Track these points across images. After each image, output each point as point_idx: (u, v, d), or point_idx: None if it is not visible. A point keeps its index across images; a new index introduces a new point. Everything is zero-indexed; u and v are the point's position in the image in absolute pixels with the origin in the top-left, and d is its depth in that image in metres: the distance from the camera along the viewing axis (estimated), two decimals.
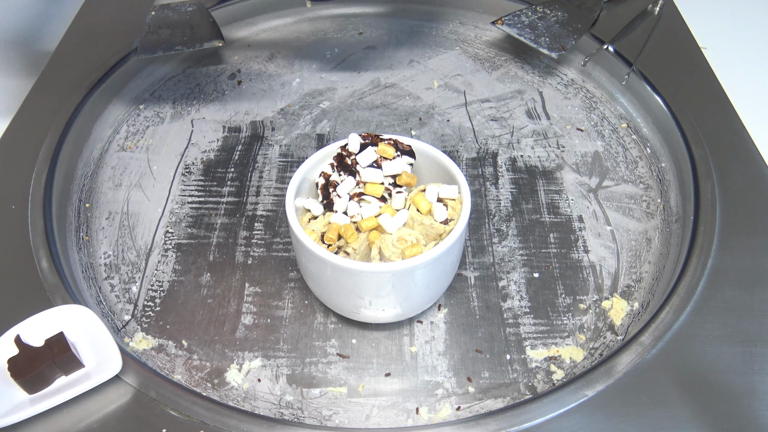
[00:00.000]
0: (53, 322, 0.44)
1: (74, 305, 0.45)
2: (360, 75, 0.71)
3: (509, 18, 0.70)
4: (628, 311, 0.50)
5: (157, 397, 0.42)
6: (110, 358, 0.42)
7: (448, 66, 0.72)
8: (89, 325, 0.44)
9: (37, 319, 0.44)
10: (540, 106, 0.67)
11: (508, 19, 0.70)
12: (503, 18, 0.70)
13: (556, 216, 0.56)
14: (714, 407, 0.41)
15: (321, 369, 0.46)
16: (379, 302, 0.44)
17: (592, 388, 0.42)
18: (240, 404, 0.44)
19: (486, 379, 0.46)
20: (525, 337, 0.48)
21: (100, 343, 0.43)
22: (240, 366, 0.46)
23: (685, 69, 0.65)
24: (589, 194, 0.58)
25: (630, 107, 0.66)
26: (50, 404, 0.40)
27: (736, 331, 0.45)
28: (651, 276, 0.52)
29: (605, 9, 0.72)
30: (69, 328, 0.44)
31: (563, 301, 0.50)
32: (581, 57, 0.69)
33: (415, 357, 0.47)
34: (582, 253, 0.54)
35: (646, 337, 0.44)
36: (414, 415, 0.44)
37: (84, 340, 0.44)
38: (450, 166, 0.46)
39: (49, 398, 0.40)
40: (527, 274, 0.52)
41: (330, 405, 0.44)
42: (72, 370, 0.42)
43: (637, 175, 0.60)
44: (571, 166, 0.61)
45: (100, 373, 0.41)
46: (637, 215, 0.56)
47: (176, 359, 0.47)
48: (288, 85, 0.70)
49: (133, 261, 0.53)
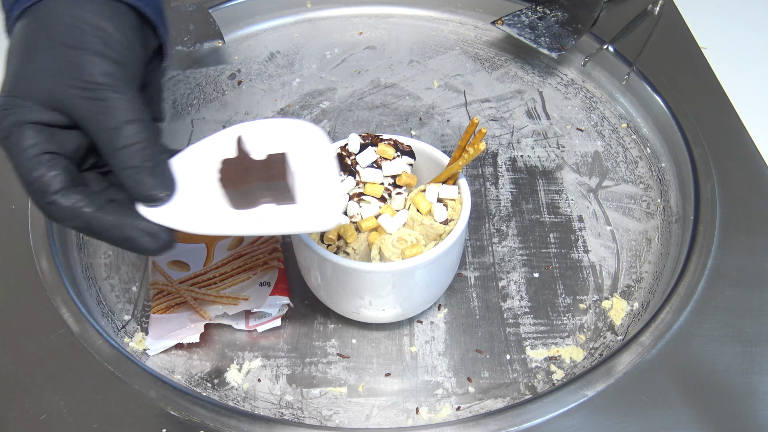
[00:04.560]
0: (282, 135, 0.37)
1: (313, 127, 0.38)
2: (360, 75, 0.71)
3: (509, 18, 0.70)
4: (628, 311, 0.50)
5: (157, 397, 0.42)
6: (326, 207, 0.35)
7: (448, 66, 0.72)
8: (318, 162, 0.37)
9: (269, 125, 0.38)
10: (540, 106, 0.67)
11: (508, 19, 0.70)
12: (503, 18, 0.70)
13: (556, 216, 0.56)
14: (714, 407, 0.41)
15: (321, 369, 0.46)
16: (379, 302, 0.44)
17: (592, 388, 0.42)
18: (240, 404, 0.44)
19: (486, 379, 0.46)
20: (525, 337, 0.48)
21: (321, 187, 0.36)
22: (240, 366, 0.46)
23: (685, 69, 0.65)
24: (589, 194, 0.58)
25: (630, 107, 0.66)
26: (257, 230, 0.35)
27: (736, 331, 0.45)
28: (651, 276, 0.52)
29: (605, 9, 0.72)
30: (296, 151, 0.36)
31: (563, 301, 0.50)
32: (581, 57, 0.69)
33: (415, 357, 0.47)
34: (582, 253, 0.54)
35: (646, 337, 0.44)
36: (414, 415, 0.44)
37: (306, 174, 0.36)
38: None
39: (255, 223, 0.35)
40: (527, 274, 0.52)
41: (330, 405, 0.44)
42: (282, 201, 0.35)
43: (637, 175, 0.60)
44: (571, 166, 0.61)
45: (309, 220, 0.35)
46: (637, 215, 0.56)
47: (176, 359, 0.47)
48: (288, 85, 0.70)
49: (133, 261, 0.53)
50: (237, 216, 0.35)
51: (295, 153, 0.36)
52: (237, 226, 0.34)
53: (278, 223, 0.35)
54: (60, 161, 0.32)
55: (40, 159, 0.32)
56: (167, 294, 0.48)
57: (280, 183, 0.34)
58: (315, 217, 0.34)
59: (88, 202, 0.32)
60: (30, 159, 0.32)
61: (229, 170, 0.35)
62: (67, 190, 0.32)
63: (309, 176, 0.36)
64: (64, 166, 0.32)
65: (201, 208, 0.35)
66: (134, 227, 0.33)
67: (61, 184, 0.32)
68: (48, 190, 0.32)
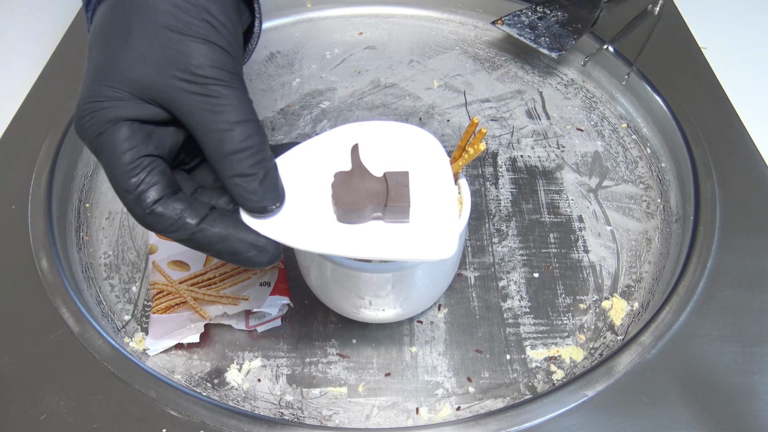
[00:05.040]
0: (399, 144, 0.33)
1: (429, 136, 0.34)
2: (360, 75, 0.71)
3: (509, 18, 0.70)
4: (628, 311, 0.50)
5: (157, 397, 0.42)
6: (443, 233, 0.32)
7: (448, 66, 0.72)
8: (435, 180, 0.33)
9: (383, 128, 0.33)
10: (540, 106, 0.67)
11: (508, 19, 0.70)
12: (503, 18, 0.70)
13: (556, 216, 0.56)
14: (714, 407, 0.41)
15: (321, 369, 0.46)
16: (379, 302, 0.44)
17: (592, 388, 0.42)
18: (240, 404, 0.44)
19: (486, 379, 0.46)
20: (525, 337, 0.48)
21: (438, 209, 0.33)
22: (240, 366, 0.46)
23: (685, 69, 0.65)
24: (589, 194, 0.58)
25: (630, 107, 0.66)
26: (367, 253, 0.31)
27: (736, 331, 0.45)
28: (651, 276, 0.52)
29: (605, 9, 0.72)
30: (413, 166, 0.33)
31: (563, 301, 0.50)
32: (581, 57, 0.69)
33: (415, 357, 0.47)
34: (582, 253, 0.54)
35: (646, 337, 0.44)
36: (414, 415, 0.44)
37: (421, 192, 0.33)
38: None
39: (366, 245, 0.31)
40: (527, 274, 0.52)
41: (330, 405, 0.44)
42: (395, 219, 0.33)
43: (637, 175, 0.60)
44: (571, 166, 0.61)
45: (425, 247, 0.32)
46: (637, 215, 0.56)
47: (176, 359, 0.47)
48: (288, 85, 0.70)
49: (133, 261, 0.53)
50: (345, 234, 0.32)
51: (413, 168, 0.34)
52: (346, 246, 0.32)
53: (391, 247, 0.32)
54: (159, 165, 0.29)
55: (139, 163, 0.28)
56: (167, 294, 0.48)
57: (401, 206, 0.31)
58: (431, 245, 0.32)
59: (191, 212, 0.29)
60: (128, 163, 0.28)
61: (343, 186, 0.32)
62: (167, 198, 0.29)
63: (425, 195, 0.33)
64: (163, 171, 0.29)
65: (307, 221, 0.32)
66: (241, 240, 0.30)
67: (161, 192, 0.29)
68: (148, 199, 0.28)
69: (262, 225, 0.31)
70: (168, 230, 0.29)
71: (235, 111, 0.29)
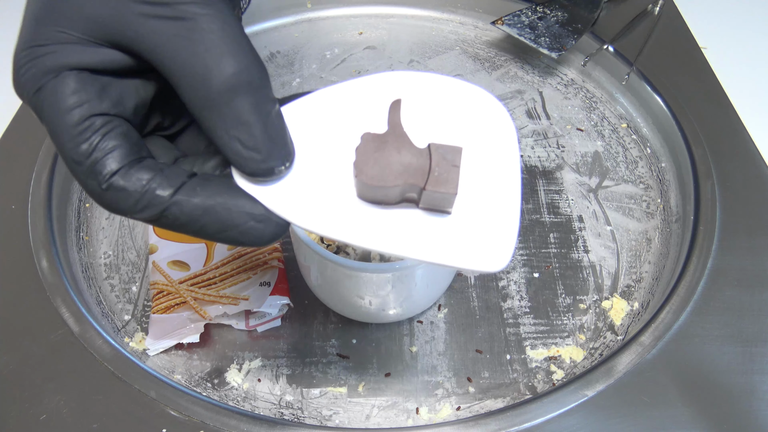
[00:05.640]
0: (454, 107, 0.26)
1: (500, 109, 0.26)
2: (360, 75, 0.71)
3: (509, 18, 0.70)
4: (628, 311, 0.50)
5: (157, 397, 0.42)
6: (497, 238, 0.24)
7: (448, 66, 0.72)
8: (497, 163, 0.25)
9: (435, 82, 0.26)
10: (540, 106, 0.67)
11: (508, 19, 0.70)
12: (503, 18, 0.70)
13: (556, 216, 0.56)
14: (714, 407, 0.41)
15: (321, 369, 0.46)
16: (379, 302, 0.44)
17: (592, 388, 0.42)
18: (240, 404, 0.44)
19: (486, 379, 0.46)
20: (525, 337, 0.48)
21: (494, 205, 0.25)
22: (240, 366, 0.46)
23: (685, 69, 0.65)
24: (589, 194, 0.58)
25: (630, 107, 0.66)
26: (394, 249, 0.24)
27: (736, 331, 0.45)
28: (651, 276, 0.52)
29: (605, 9, 0.72)
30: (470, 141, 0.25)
31: (563, 301, 0.50)
32: (581, 57, 0.69)
33: (415, 357, 0.47)
34: (582, 253, 0.54)
35: (646, 337, 0.44)
36: (414, 415, 0.44)
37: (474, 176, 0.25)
38: None
39: (394, 238, 0.24)
40: (527, 274, 0.52)
41: (330, 405, 0.44)
42: (433, 208, 0.25)
43: (637, 175, 0.60)
44: (571, 166, 0.61)
45: (472, 254, 0.24)
46: (637, 215, 0.56)
47: (176, 359, 0.47)
48: (288, 85, 0.70)
49: (133, 261, 0.53)
50: (366, 218, 0.24)
51: (469, 144, 0.25)
52: (369, 237, 0.24)
53: (425, 247, 0.24)
54: (118, 126, 0.23)
55: (90, 124, 0.22)
56: (167, 294, 0.48)
57: (445, 194, 0.23)
58: (479, 251, 0.24)
59: (162, 181, 0.22)
60: (75, 125, 0.22)
61: (370, 153, 0.24)
62: (130, 167, 0.22)
63: (479, 182, 0.25)
64: (123, 133, 0.23)
65: (318, 193, 0.24)
66: (230, 210, 0.23)
67: (121, 160, 0.22)
68: (104, 170, 0.22)
69: (262, 193, 0.24)
70: (134, 209, 0.22)
71: (219, 35, 0.21)
